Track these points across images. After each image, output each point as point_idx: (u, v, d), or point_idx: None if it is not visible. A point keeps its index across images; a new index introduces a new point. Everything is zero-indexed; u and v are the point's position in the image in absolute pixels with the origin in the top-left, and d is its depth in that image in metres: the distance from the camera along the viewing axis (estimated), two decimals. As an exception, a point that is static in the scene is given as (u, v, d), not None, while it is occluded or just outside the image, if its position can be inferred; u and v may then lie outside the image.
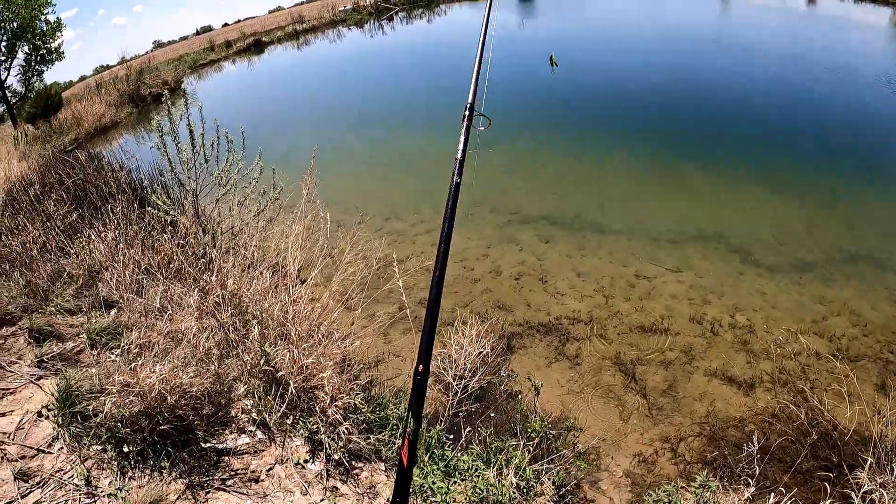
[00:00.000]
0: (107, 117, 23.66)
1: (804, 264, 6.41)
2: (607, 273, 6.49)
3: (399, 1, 49.30)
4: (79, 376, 3.79)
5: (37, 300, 5.55)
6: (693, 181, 8.51)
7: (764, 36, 21.59)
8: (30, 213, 8.40)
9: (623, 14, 31.45)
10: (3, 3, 33.98)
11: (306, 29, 46.15)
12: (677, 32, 22.02)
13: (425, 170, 10.10)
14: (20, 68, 36.92)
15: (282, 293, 4.48)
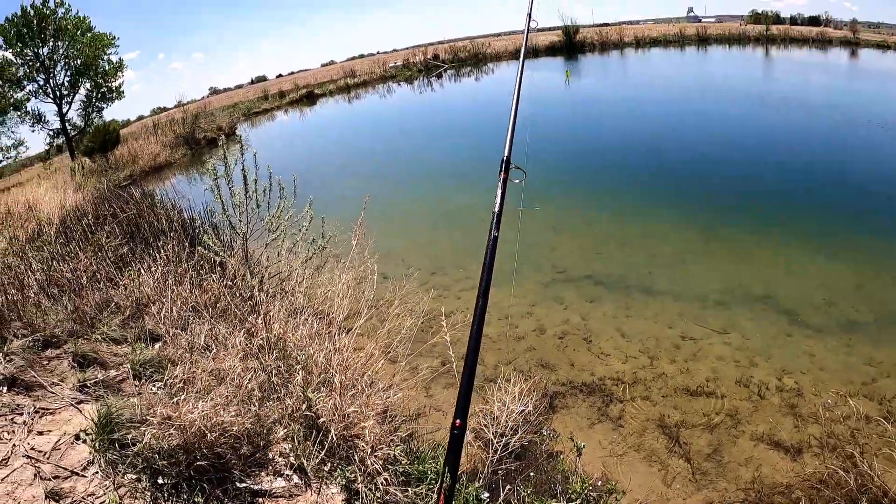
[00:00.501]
0: (161, 157, 24.53)
1: (853, 325, 6.27)
2: (652, 334, 6.41)
3: (448, 59, 50.78)
4: (120, 404, 3.87)
5: (83, 326, 5.70)
6: (740, 241, 8.46)
7: (810, 91, 21.80)
8: (82, 242, 8.68)
9: (667, 73, 32.03)
10: (68, 41, 35.82)
11: (357, 83, 47.60)
12: (721, 90, 22.20)
13: (470, 224, 10.19)
14: (81, 103, 38.57)
15: (326, 340, 4.53)
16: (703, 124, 16.17)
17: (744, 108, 18.19)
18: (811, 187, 10.41)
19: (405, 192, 13.13)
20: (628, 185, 11.46)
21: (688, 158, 12.80)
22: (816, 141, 13.54)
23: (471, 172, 13.94)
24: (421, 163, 16.11)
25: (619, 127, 17.01)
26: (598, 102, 22.63)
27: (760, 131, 14.72)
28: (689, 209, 9.81)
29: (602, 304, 7.12)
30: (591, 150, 14.44)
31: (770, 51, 42.61)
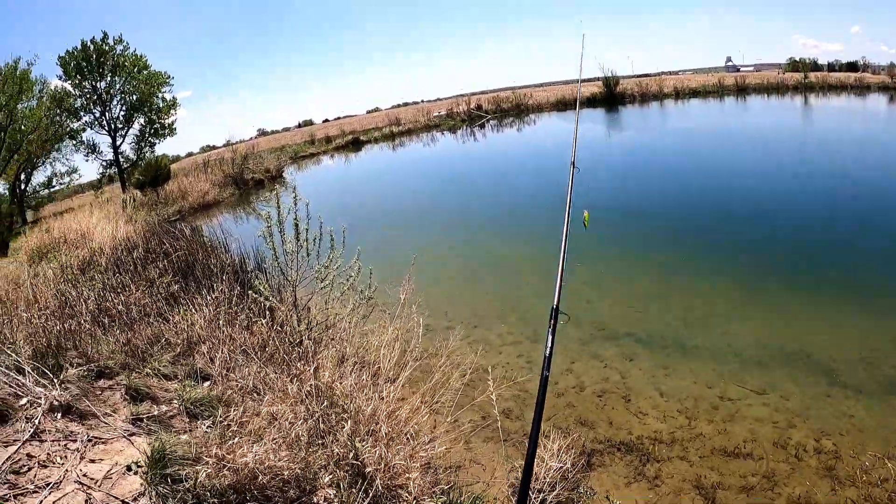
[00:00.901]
0: (210, 195, 25.29)
1: (894, 383, 6.18)
2: (691, 393, 6.38)
3: (491, 109, 51.55)
4: (173, 441, 4.05)
5: (135, 360, 5.94)
6: (780, 298, 8.36)
7: (850, 141, 21.58)
8: (133, 274, 9.00)
9: (706, 124, 31.95)
10: (125, 77, 37.35)
11: (402, 131, 48.50)
12: (760, 142, 22.04)
13: (513, 278, 10.26)
14: (134, 137, 40.18)
15: (372, 390, 4.68)
16: (741, 178, 16.03)
17: (781, 160, 18.08)
18: (851, 242, 10.23)
19: (448, 240, 13.25)
20: (668, 241, 11.41)
21: (728, 214, 12.69)
22: (856, 194, 13.40)
23: (512, 223, 14.10)
24: (463, 212, 16.24)
25: (659, 181, 17.00)
26: (638, 155, 22.70)
27: (799, 185, 14.59)
28: (729, 265, 9.74)
29: (641, 362, 7.12)
30: (632, 205, 14.44)
31: (809, 99, 42.49)
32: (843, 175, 14.99)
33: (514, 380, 6.47)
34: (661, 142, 25.04)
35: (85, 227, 14.88)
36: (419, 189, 21.72)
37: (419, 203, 18.67)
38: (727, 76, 61.93)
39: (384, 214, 17.31)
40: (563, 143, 29.49)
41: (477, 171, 23.91)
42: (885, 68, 60.46)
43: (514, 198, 17.18)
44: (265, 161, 32.24)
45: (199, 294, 7.41)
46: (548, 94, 59.52)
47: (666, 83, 55.54)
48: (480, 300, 9.44)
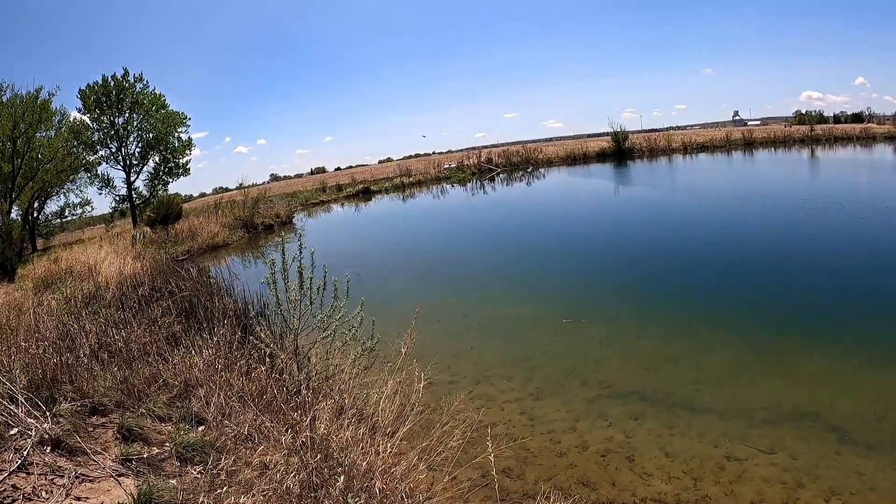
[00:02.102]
0: (220, 237, 25.44)
1: None
2: (697, 453, 6.21)
3: (501, 163, 52.30)
4: (161, 486, 3.97)
5: (131, 398, 5.89)
6: (787, 355, 8.20)
7: (858, 194, 21.81)
8: (136, 312, 8.98)
9: (714, 179, 32.28)
10: (143, 114, 38.11)
11: (412, 182, 49.24)
12: (769, 196, 22.17)
13: (519, 335, 10.14)
14: (148, 174, 40.80)
15: (369, 444, 4.60)
16: (750, 235, 16.09)
17: (790, 215, 18.15)
18: (858, 297, 10.18)
19: (454, 294, 13.18)
20: (675, 299, 11.36)
21: (736, 270, 12.66)
22: (865, 247, 13.38)
23: (519, 279, 14.02)
24: (470, 266, 16.17)
25: (668, 237, 17.04)
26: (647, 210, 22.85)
27: (810, 241, 14.57)
28: (736, 323, 9.62)
29: (646, 422, 6.96)
30: (640, 261, 14.42)
31: (816, 151, 42.98)
32: (853, 230, 15.03)
33: (515, 438, 6.37)
34: (669, 197, 25.22)
35: (93, 260, 14.94)
36: (427, 241, 21.78)
37: (426, 255, 18.68)
38: (734, 130, 63.11)
39: (391, 265, 17.31)
40: (572, 198, 29.87)
41: (486, 225, 24.05)
42: (890, 118, 61.45)
43: (523, 253, 17.17)
44: (276, 206, 32.52)
45: (201, 336, 7.38)
46: (557, 148, 60.60)
47: (674, 138, 56.72)
48: (484, 355, 9.34)
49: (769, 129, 62.66)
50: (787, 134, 56.38)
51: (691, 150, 53.01)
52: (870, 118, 68.03)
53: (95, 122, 37.69)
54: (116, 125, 38.07)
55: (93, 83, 37.14)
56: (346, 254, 19.45)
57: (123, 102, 37.72)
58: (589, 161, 52.82)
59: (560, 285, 12.74)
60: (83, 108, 37.29)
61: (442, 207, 33.69)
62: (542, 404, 7.39)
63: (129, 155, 39.23)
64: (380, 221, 31.48)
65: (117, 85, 37.33)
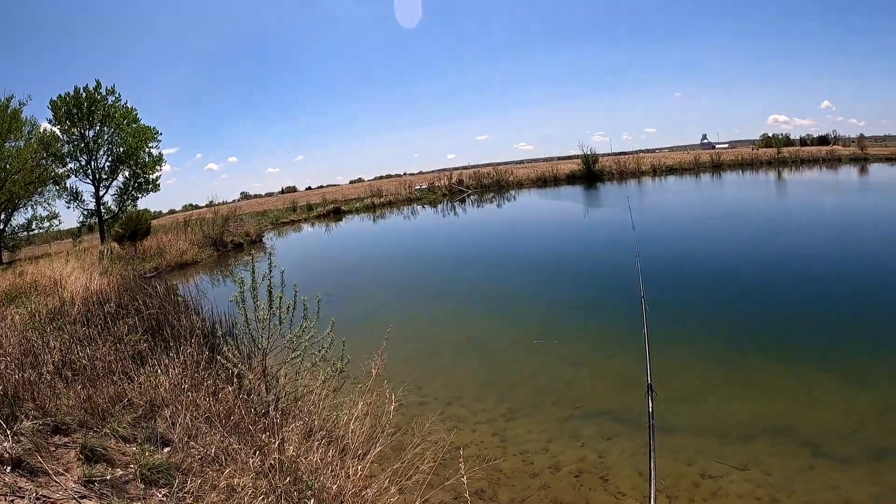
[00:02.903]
0: (188, 255, 25.14)
1: (879, 452, 5.99)
2: (671, 472, 6.18)
3: (472, 184, 52.69)
4: (124, 508, 3.87)
5: (94, 418, 5.75)
6: (762, 373, 8.24)
7: (824, 211, 22.90)
8: (102, 329, 8.81)
9: (680, 200, 33.15)
10: (114, 128, 37.67)
11: (383, 203, 49.33)
12: (738, 216, 22.83)
13: (490, 356, 10.09)
14: (118, 189, 40.19)
15: (339, 466, 4.54)
16: (720, 253, 16.36)
17: (761, 233, 18.51)
18: (829, 311, 10.34)
19: (426, 315, 13.11)
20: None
21: (705, 288, 12.79)
22: (832, 263, 13.66)
23: (490, 299, 14.00)
24: (442, 286, 16.11)
25: (635, 257, 17.30)
26: (617, 232, 23.08)
27: (779, 257, 14.83)
28: (708, 341, 9.70)
29: (620, 441, 6.94)
30: (613, 280, 14.51)
31: (782, 173, 44.13)
32: (823, 249, 15.41)
33: (488, 460, 6.33)
34: (640, 219, 25.60)
35: (59, 274, 14.64)
36: (397, 262, 21.74)
37: (397, 276, 18.62)
38: (703, 153, 64.58)
39: (362, 285, 17.22)
40: (543, 220, 30.09)
41: (457, 246, 24.08)
42: (854, 140, 63.33)
43: (494, 274, 17.19)
44: (246, 224, 32.29)
45: (167, 355, 7.25)
46: (528, 171, 61.33)
47: (644, 161, 57.80)
48: (456, 376, 9.30)
49: (737, 152, 64.30)
50: (754, 156, 57.90)
51: (660, 173, 54.02)
52: (835, 140, 70.07)
53: (66, 134, 37.10)
54: (87, 138, 37.51)
55: (64, 94, 36.63)
56: (317, 273, 19.33)
57: (95, 115, 37.22)
58: (559, 183, 53.48)
59: (532, 305, 12.80)
60: (54, 118, 36.73)
61: (413, 228, 33.71)
62: (515, 425, 7.36)
63: (99, 169, 38.67)
64: (350, 242, 31.37)
65: (89, 97, 36.85)
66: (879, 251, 14.39)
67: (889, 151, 56.05)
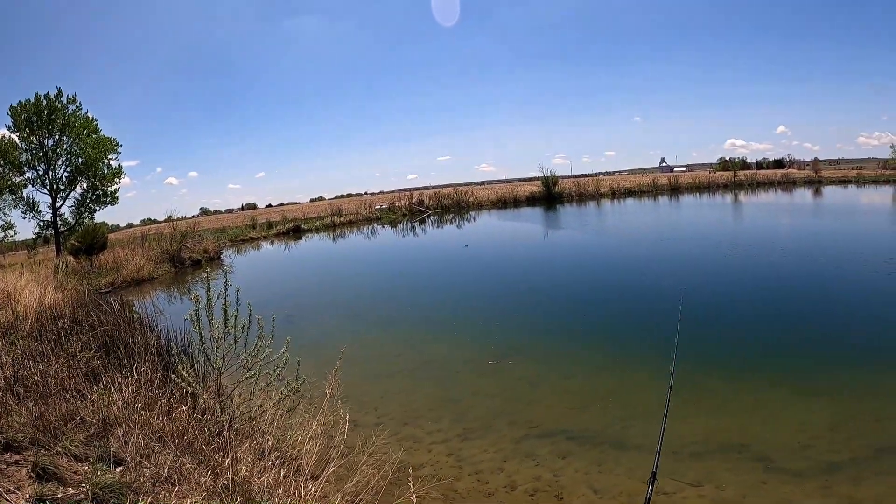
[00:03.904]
0: (145, 270, 24.81)
1: (831, 465, 6.16)
2: (625, 489, 6.25)
3: (432, 205, 53.02)
4: (75, 527, 3.87)
5: (46, 436, 5.68)
6: (716, 391, 8.41)
7: (776, 233, 23.69)
8: (55, 345, 8.68)
9: (636, 222, 34.20)
10: (74, 137, 36.90)
11: (343, 222, 49.41)
12: (691, 238, 23.61)
13: (446, 376, 10.12)
14: (75, 201, 39.22)
15: (292, 487, 4.59)
16: (673, 274, 16.68)
17: (712, 254, 19.07)
18: (781, 329, 10.65)
19: (383, 335, 13.11)
20: (603, 338, 11.56)
21: (657, 308, 13.00)
22: (784, 281, 14.12)
23: (448, 321, 14.04)
24: (399, 307, 16.12)
25: (595, 278, 17.51)
26: (575, 254, 23.49)
27: (729, 278, 15.26)
28: (661, 360, 9.83)
29: (574, 460, 7.00)
30: (568, 302, 14.71)
31: (738, 196, 45.31)
32: (775, 268, 15.94)
33: (441, 479, 6.41)
34: (594, 239, 26.26)
35: (12, 287, 14.31)
36: (356, 281, 21.73)
37: (355, 296, 18.59)
38: (661, 176, 65.97)
39: (319, 305, 17.19)
40: (501, 241, 30.40)
41: (415, 267, 24.22)
42: (809, 164, 65.36)
43: (452, 294, 17.31)
44: (204, 241, 31.98)
45: (121, 373, 7.20)
46: (489, 192, 61.93)
47: (603, 183, 58.91)
48: (412, 396, 9.35)
49: (694, 175, 65.99)
50: (711, 179, 59.43)
51: (619, 195, 55.10)
52: (790, 164, 72.28)
53: (24, 143, 36.19)
54: (45, 147, 36.59)
55: (24, 101, 35.69)
56: (274, 293, 19.23)
57: (55, 123, 36.30)
58: (519, 205, 54.10)
59: (488, 327, 12.93)
60: (13, 125, 35.83)
61: (372, 248, 33.74)
62: (470, 445, 7.46)
63: (57, 179, 37.69)
64: (309, 261, 31.25)
65: (49, 105, 35.96)
66: (830, 271, 14.98)
67: (842, 174, 58.54)
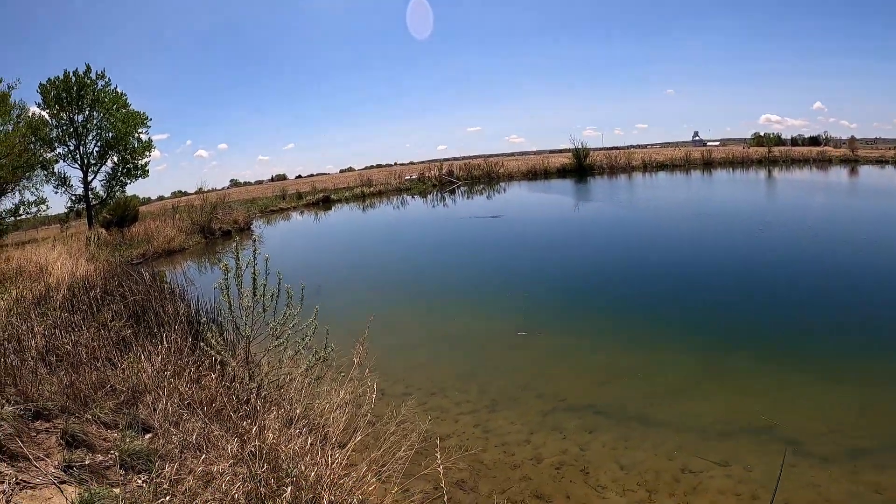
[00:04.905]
0: (176, 241, 25.02)
1: (858, 451, 6.03)
2: (651, 466, 6.17)
3: (462, 176, 52.47)
4: (103, 493, 3.87)
5: (76, 404, 5.72)
6: (743, 371, 8.24)
7: (810, 213, 23.02)
8: (86, 315, 8.76)
9: (672, 197, 33.25)
10: (104, 113, 37.20)
11: (373, 192, 49.20)
12: (724, 214, 22.95)
13: (474, 348, 10.05)
14: (106, 175, 39.73)
15: (319, 455, 4.55)
16: (704, 251, 16.43)
17: (744, 233, 18.55)
18: (812, 312, 10.37)
19: (411, 307, 13.05)
20: (631, 313, 11.39)
21: (689, 286, 12.77)
22: (816, 265, 13.73)
23: (476, 293, 13.95)
24: (428, 279, 16.02)
25: (625, 253, 17.20)
26: (605, 228, 23.14)
27: (761, 257, 14.87)
28: (691, 338, 9.66)
29: (601, 435, 6.91)
30: (597, 276, 14.51)
31: (773, 172, 44.25)
32: (808, 249, 15.45)
33: (469, 451, 6.34)
34: (626, 213, 25.59)
35: (45, 260, 14.52)
36: (385, 252, 21.65)
37: (384, 266, 18.53)
38: (694, 150, 64.56)
39: (348, 275, 17.17)
40: (532, 212, 30.10)
41: (444, 238, 23.98)
42: (845, 142, 63.66)
43: (480, 266, 17.16)
44: (234, 212, 32.11)
45: (150, 341, 7.23)
46: (519, 163, 61.10)
47: (635, 156, 57.65)
48: (440, 367, 9.28)
49: (728, 150, 64.29)
50: (745, 155, 57.89)
51: (651, 169, 54.00)
52: (826, 142, 70.27)
53: (54, 119, 36.63)
54: (76, 122, 37.01)
55: (54, 78, 36.05)
56: (303, 262, 19.24)
57: (84, 99, 36.69)
58: (550, 176, 53.39)
59: (517, 298, 12.82)
60: (43, 103, 36.21)
61: (401, 218, 33.63)
62: (497, 417, 7.37)
63: (88, 154, 38.21)
64: (338, 231, 31.27)
65: (78, 81, 36.33)
66: (866, 256, 14.40)
67: (879, 154, 56.37)
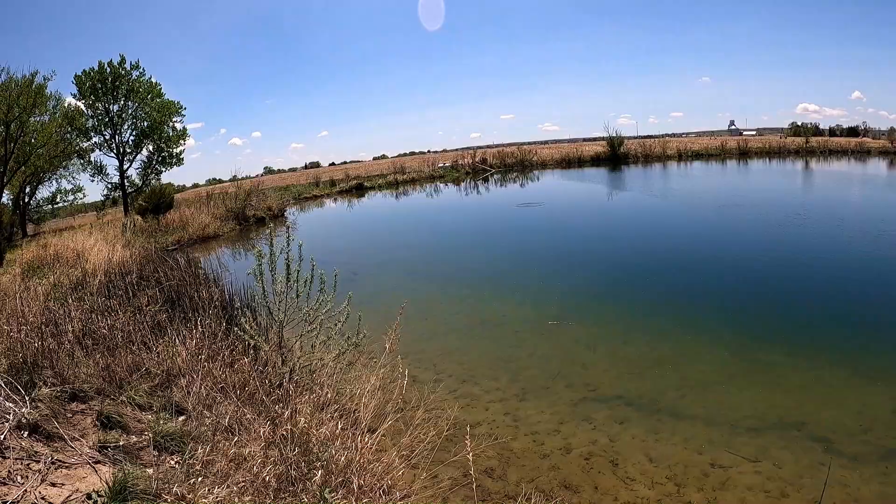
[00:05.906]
0: (211, 228, 25.36)
1: (890, 452, 5.93)
2: (681, 459, 6.11)
3: (495, 164, 52.23)
4: (137, 474, 3.91)
5: (112, 386, 5.82)
6: (776, 366, 8.09)
7: (849, 205, 22.28)
8: (122, 300, 8.91)
9: (708, 187, 32.43)
10: (139, 102, 37.87)
11: (406, 180, 49.06)
12: (760, 205, 22.25)
13: (506, 335, 10.00)
14: (141, 163, 40.57)
15: (349, 440, 4.56)
16: (739, 243, 16.09)
17: (780, 225, 18.11)
18: (847, 309, 10.14)
19: (443, 294, 13.03)
20: (664, 304, 11.25)
21: (722, 278, 12.59)
22: (855, 260, 13.35)
23: (510, 281, 13.87)
24: (460, 266, 15.96)
25: (659, 243, 16.95)
26: (639, 217, 22.81)
27: (797, 250, 14.55)
28: (724, 331, 9.51)
29: (631, 426, 6.85)
30: (631, 266, 14.35)
31: (810, 163, 43.21)
32: (844, 244, 15.02)
33: (498, 439, 6.32)
34: (661, 203, 25.20)
35: (82, 247, 14.82)
36: (418, 239, 21.66)
37: (417, 253, 18.54)
38: (729, 139, 63.23)
39: (381, 262, 17.19)
40: (564, 200, 29.84)
41: (477, 226, 23.92)
42: (885, 133, 61.91)
43: (512, 254, 17.07)
44: (268, 199, 32.37)
45: (185, 326, 7.31)
46: (552, 151, 60.52)
47: (669, 145, 56.54)
48: (470, 355, 9.26)
49: (764, 140, 62.79)
50: (782, 145, 56.55)
51: (686, 158, 53.03)
52: (865, 133, 68.35)
53: (90, 109, 37.38)
54: (111, 112, 37.77)
55: (89, 69, 36.87)
56: (336, 249, 19.33)
57: (119, 90, 37.45)
58: (584, 165, 52.78)
59: (548, 287, 12.70)
60: (78, 93, 37.01)
61: (434, 206, 33.57)
62: (527, 405, 7.31)
63: (123, 143, 38.98)
64: (372, 218, 31.33)
65: (113, 72, 37.06)
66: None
67: None
